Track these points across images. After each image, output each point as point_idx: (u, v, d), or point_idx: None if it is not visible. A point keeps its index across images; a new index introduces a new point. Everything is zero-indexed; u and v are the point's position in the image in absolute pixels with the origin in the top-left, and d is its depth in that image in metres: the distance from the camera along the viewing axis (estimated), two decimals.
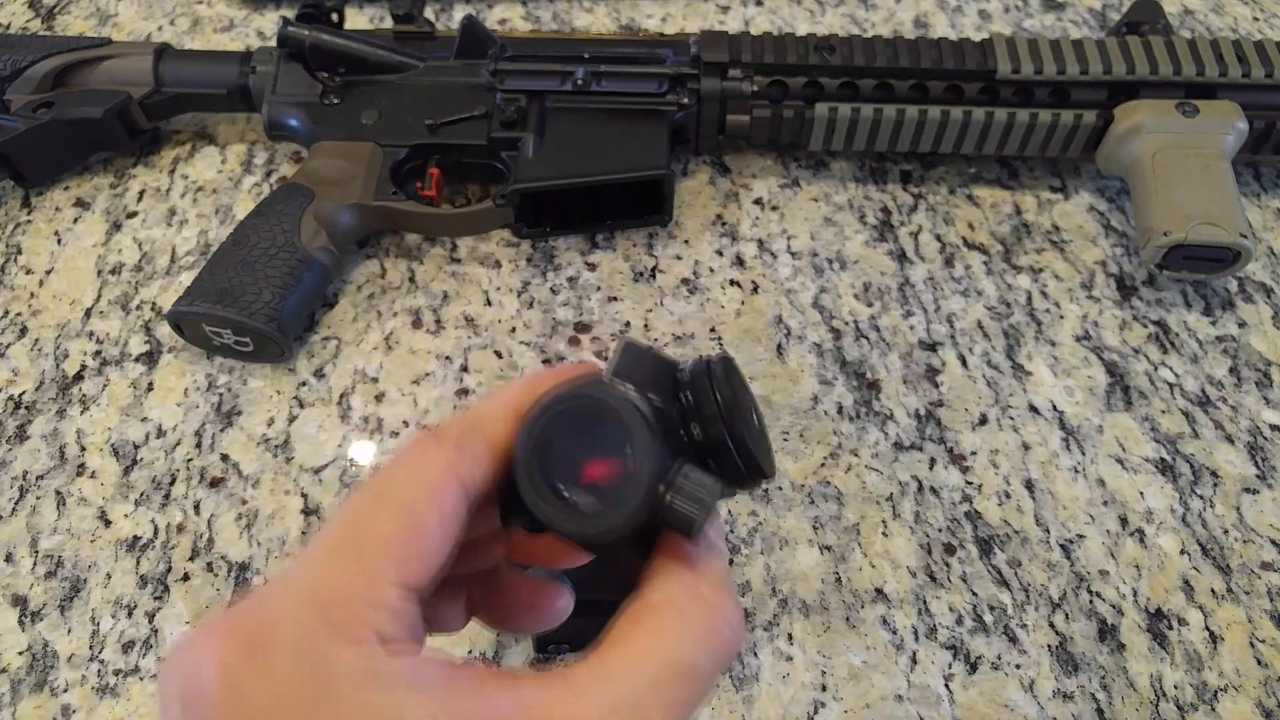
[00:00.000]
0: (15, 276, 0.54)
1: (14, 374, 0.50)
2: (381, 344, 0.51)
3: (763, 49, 0.55)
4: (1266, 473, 0.46)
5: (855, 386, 0.50)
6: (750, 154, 0.60)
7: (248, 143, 0.60)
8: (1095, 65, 0.53)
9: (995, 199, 0.58)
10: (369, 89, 0.56)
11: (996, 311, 0.52)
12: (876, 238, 0.56)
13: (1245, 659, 0.41)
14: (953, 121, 0.54)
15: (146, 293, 0.54)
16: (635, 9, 0.68)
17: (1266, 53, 0.53)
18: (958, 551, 0.44)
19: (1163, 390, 0.49)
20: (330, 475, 0.47)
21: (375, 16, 0.67)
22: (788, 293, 0.53)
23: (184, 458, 0.47)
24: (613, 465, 0.24)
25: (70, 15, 0.68)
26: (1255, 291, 0.53)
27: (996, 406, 0.49)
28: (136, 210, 0.57)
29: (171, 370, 0.50)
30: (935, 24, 0.67)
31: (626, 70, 0.55)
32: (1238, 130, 0.52)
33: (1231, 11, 0.68)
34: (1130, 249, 0.55)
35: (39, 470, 0.47)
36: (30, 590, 0.43)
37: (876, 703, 0.40)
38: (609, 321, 0.52)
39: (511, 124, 0.54)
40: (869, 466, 0.47)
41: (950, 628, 0.42)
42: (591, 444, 0.24)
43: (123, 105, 0.56)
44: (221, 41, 0.67)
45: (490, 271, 0.54)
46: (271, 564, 0.44)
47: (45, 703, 0.40)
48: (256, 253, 0.50)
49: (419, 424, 0.48)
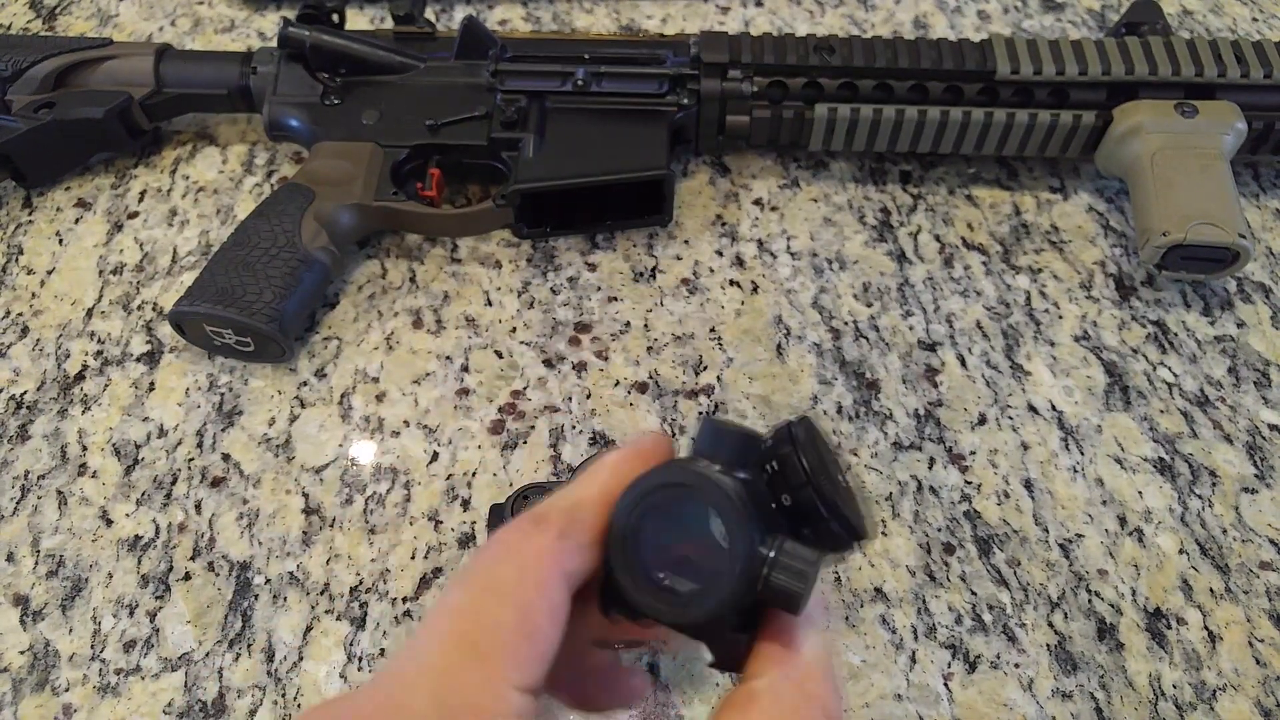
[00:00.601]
0: (17, 277, 0.55)
1: (15, 374, 0.51)
2: (382, 344, 0.51)
3: (762, 50, 0.55)
4: (1265, 472, 0.47)
5: (855, 386, 0.50)
6: (750, 154, 0.60)
7: (248, 143, 0.61)
8: (1094, 66, 0.53)
9: (994, 199, 0.58)
10: (370, 89, 0.56)
11: (995, 311, 0.53)
12: (876, 238, 0.56)
13: (1244, 658, 0.41)
14: (952, 122, 0.54)
15: (148, 293, 0.54)
16: (635, 10, 0.68)
17: (1265, 53, 0.53)
18: (957, 551, 0.44)
19: (1161, 390, 0.50)
20: (331, 475, 0.47)
21: (376, 17, 0.68)
22: (787, 293, 0.53)
23: (185, 457, 0.47)
24: (707, 547, 0.24)
25: (71, 16, 0.68)
26: (1254, 291, 0.53)
27: (995, 406, 0.49)
28: (138, 210, 0.57)
29: (173, 370, 0.51)
30: (934, 25, 0.67)
31: (627, 71, 0.55)
32: (1236, 131, 0.52)
33: (1230, 12, 0.68)
34: (1129, 249, 0.55)
35: (40, 470, 0.47)
36: (32, 590, 0.43)
37: (876, 702, 0.40)
38: (609, 321, 0.52)
39: (512, 124, 0.54)
40: (868, 466, 0.47)
41: (949, 627, 0.42)
42: (684, 527, 0.24)
43: (124, 106, 0.56)
44: (222, 42, 0.67)
45: (491, 272, 0.54)
46: (272, 563, 0.44)
47: (47, 702, 0.40)
48: (257, 253, 0.50)
49: (419, 423, 0.48)
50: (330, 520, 0.45)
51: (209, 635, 0.42)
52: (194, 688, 0.41)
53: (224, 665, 0.41)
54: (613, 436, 0.48)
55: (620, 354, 0.51)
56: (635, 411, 0.49)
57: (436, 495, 0.46)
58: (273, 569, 0.44)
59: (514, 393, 0.49)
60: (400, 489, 0.46)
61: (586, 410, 0.49)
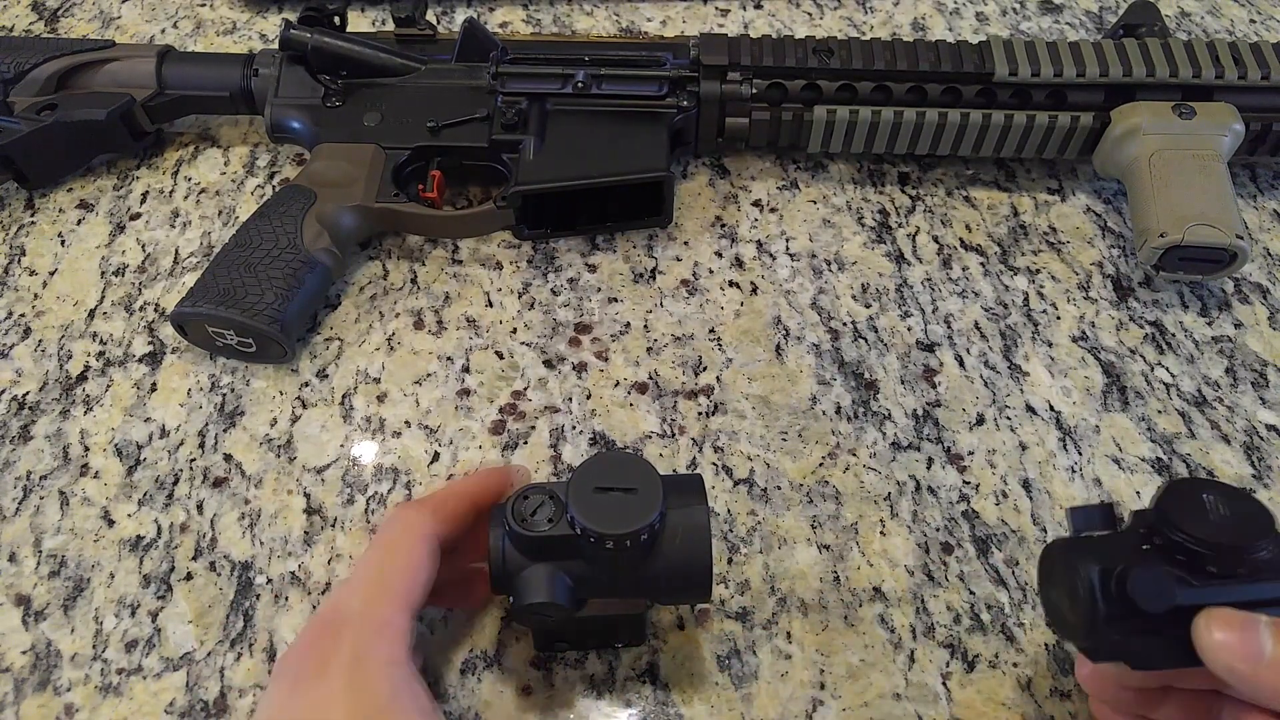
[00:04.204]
0: (19, 278, 0.55)
1: (18, 375, 0.51)
2: (383, 345, 0.52)
3: (761, 52, 0.55)
4: (1263, 472, 0.47)
5: (853, 387, 0.50)
6: (749, 156, 0.60)
7: (250, 145, 0.61)
8: (1092, 67, 0.53)
9: (993, 200, 0.58)
10: (371, 91, 0.56)
11: (994, 312, 0.53)
12: (874, 239, 0.56)
13: None
14: (950, 123, 0.54)
15: (150, 294, 0.54)
16: (635, 12, 0.68)
17: (1263, 55, 0.53)
18: (955, 550, 0.44)
19: (1159, 390, 0.50)
20: (333, 475, 0.47)
21: (377, 19, 0.68)
22: (786, 294, 0.54)
23: (187, 458, 0.48)
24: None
25: (73, 18, 0.68)
26: (1251, 292, 0.54)
27: (994, 406, 0.49)
28: (140, 212, 0.58)
29: (175, 371, 0.51)
30: (933, 27, 0.67)
31: (627, 73, 0.55)
32: (1234, 132, 0.53)
33: (1228, 14, 0.68)
34: (1127, 250, 0.55)
35: (43, 470, 0.47)
36: (34, 590, 0.44)
37: (875, 701, 0.40)
38: (609, 322, 0.52)
39: (512, 126, 0.54)
40: (867, 466, 0.47)
41: (948, 626, 0.42)
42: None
43: (126, 107, 0.56)
44: (224, 44, 0.67)
45: (491, 273, 0.55)
46: (274, 563, 0.44)
47: (49, 702, 0.41)
48: (259, 254, 0.50)
49: (420, 424, 0.48)
50: (332, 520, 0.46)
51: (210, 635, 0.42)
52: (196, 687, 0.41)
53: (226, 665, 0.41)
54: (613, 436, 0.48)
55: (620, 354, 0.51)
56: (635, 412, 0.49)
57: None
58: (274, 569, 0.44)
59: (514, 393, 0.50)
60: (401, 489, 0.46)
61: (587, 410, 0.49)
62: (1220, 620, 0.30)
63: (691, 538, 0.35)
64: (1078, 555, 0.32)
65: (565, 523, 0.35)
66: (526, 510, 0.35)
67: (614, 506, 0.34)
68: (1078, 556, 0.32)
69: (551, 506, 0.35)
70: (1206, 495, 0.32)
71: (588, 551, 0.35)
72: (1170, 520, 0.32)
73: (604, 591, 0.36)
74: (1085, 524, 0.34)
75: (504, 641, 0.42)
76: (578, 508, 0.34)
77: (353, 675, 0.32)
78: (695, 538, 0.35)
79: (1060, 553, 0.34)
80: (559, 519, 0.35)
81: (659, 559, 0.35)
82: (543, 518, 0.35)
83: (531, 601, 0.35)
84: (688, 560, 0.35)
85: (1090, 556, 0.32)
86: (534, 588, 0.35)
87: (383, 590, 0.35)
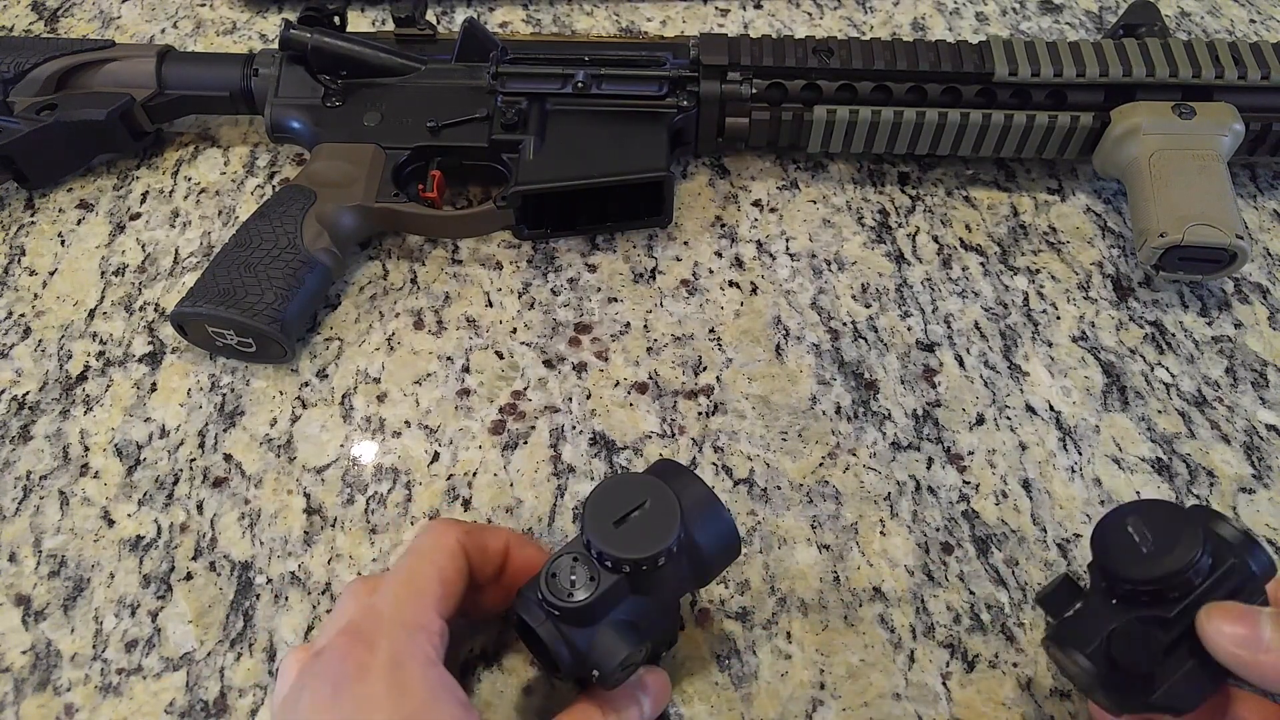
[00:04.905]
0: (19, 278, 0.55)
1: (18, 374, 0.51)
2: (383, 345, 0.52)
3: (761, 52, 0.55)
4: (1262, 472, 0.47)
5: (853, 387, 0.50)
6: (749, 156, 0.60)
7: (250, 145, 0.61)
8: (1092, 67, 0.53)
9: (992, 200, 0.58)
10: (371, 91, 0.56)
11: (993, 312, 0.53)
12: (874, 239, 0.56)
13: None
14: (950, 123, 0.54)
15: (150, 294, 0.54)
16: (635, 12, 0.68)
17: (1263, 55, 0.53)
18: (955, 550, 0.44)
19: (1159, 390, 0.50)
20: (333, 475, 0.47)
21: (377, 19, 0.68)
22: (786, 294, 0.54)
23: (187, 458, 0.48)
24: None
25: (73, 18, 0.68)
26: (1251, 292, 0.54)
27: (994, 406, 0.49)
28: (140, 212, 0.58)
29: (175, 371, 0.51)
30: (933, 27, 0.67)
31: (627, 73, 0.55)
32: (1234, 132, 0.53)
33: (1228, 14, 0.68)
34: (1127, 250, 0.55)
35: (42, 470, 0.47)
36: (34, 590, 0.44)
37: (875, 701, 0.40)
38: (609, 322, 0.52)
39: (512, 126, 0.54)
40: (867, 466, 0.47)
41: (948, 626, 0.42)
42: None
43: (126, 107, 0.56)
44: (224, 44, 0.67)
45: (491, 273, 0.55)
46: (274, 563, 0.44)
47: (49, 702, 0.41)
48: (259, 254, 0.50)
49: (420, 423, 0.48)
50: (332, 520, 0.46)
51: (210, 635, 0.42)
52: (195, 687, 0.41)
53: (225, 665, 0.41)
54: (612, 436, 0.48)
55: (620, 354, 0.51)
56: (635, 412, 0.49)
57: (437, 495, 0.46)
58: (274, 569, 0.44)
59: (514, 393, 0.50)
60: (401, 489, 0.46)
61: (587, 411, 0.49)
62: (1222, 611, 0.32)
63: (704, 507, 0.36)
64: (1065, 650, 0.34)
65: (604, 570, 0.34)
66: (561, 587, 0.34)
67: (638, 528, 0.34)
68: (1066, 651, 0.34)
69: (582, 567, 0.35)
70: (1130, 527, 0.33)
71: (638, 582, 0.35)
72: (1110, 570, 0.33)
73: (662, 610, 0.36)
74: (1056, 608, 0.35)
75: (504, 641, 0.42)
76: (610, 548, 0.34)
77: (393, 678, 0.32)
78: (707, 505, 0.36)
79: (1053, 649, 0.35)
80: (596, 571, 0.34)
81: (691, 543, 0.36)
82: (580, 581, 0.34)
83: (616, 665, 0.34)
84: (714, 528, 0.36)
85: (1074, 643, 0.33)
86: (610, 651, 0.34)
87: (415, 594, 0.35)
